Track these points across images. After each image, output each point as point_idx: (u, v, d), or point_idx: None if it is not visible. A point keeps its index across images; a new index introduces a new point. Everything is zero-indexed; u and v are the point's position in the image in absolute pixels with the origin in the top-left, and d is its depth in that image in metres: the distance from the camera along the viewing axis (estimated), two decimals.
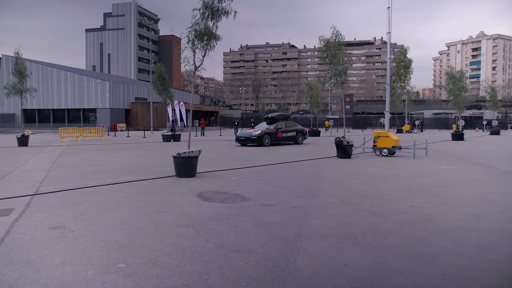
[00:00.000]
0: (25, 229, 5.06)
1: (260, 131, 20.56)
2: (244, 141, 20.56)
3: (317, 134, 33.01)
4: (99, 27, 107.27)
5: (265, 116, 23.23)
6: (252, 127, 40.87)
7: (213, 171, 10.71)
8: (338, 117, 66.71)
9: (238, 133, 22.56)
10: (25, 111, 28.78)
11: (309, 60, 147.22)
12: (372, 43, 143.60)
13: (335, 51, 14.69)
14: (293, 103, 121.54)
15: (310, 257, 4.12)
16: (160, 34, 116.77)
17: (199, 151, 9.71)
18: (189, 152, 9.43)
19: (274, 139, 20.82)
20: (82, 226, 5.24)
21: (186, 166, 9.39)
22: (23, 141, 21.09)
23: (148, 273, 3.66)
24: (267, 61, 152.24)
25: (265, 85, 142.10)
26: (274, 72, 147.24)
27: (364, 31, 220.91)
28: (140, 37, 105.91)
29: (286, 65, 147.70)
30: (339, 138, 14.58)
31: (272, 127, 21.28)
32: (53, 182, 8.84)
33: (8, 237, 4.72)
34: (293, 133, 21.91)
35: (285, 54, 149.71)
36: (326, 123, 50.08)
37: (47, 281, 3.49)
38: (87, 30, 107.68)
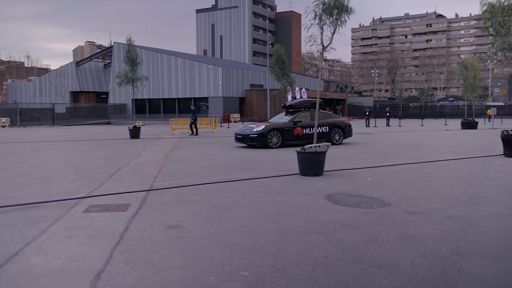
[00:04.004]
0: (142, 227, 5.59)
1: (263, 127, 16.77)
2: (242, 140, 17.15)
3: (473, 126, 30.52)
4: (211, 6, 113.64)
5: (283, 105, 19.05)
6: (388, 117, 39.82)
7: (343, 169, 10.61)
8: (503, 103, 60.79)
9: (237, 129, 18.64)
10: (135, 101, 31.80)
11: (462, 32, 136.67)
12: None
13: (503, 17, 13.34)
14: (440, 88, 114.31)
15: (476, 283, 3.81)
16: (277, 11, 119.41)
17: (327, 146, 9.68)
18: (315, 146, 9.46)
19: (289, 138, 16.71)
20: (200, 226, 5.59)
21: (312, 163, 9.44)
22: (135, 133, 23.44)
23: (276, 285, 3.74)
24: (406, 36, 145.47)
25: (404, 66, 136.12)
26: (415, 50, 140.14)
27: None
28: (255, 15, 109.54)
29: (431, 40, 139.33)
30: (507, 131, 13.27)
31: (287, 120, 17.36)
32: (167, 178, 9.64)
33: (127, 234, 5.26)
34: (323, 129, 17.44)
35: (430, 26, 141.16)
36: (489, 111, 45.91)
37: (168, 284, 3.79)
38: (198, 11, 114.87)
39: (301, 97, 39.86)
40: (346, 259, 4.33)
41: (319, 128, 17.04)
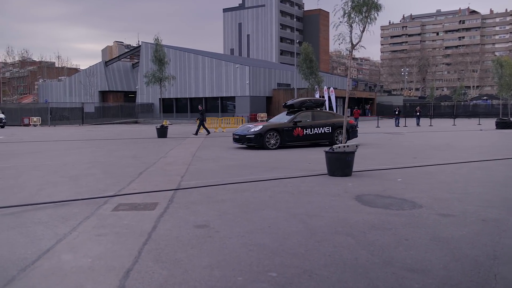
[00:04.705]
0: (170, 226, 5.64)
1: (260, 127, 16.39)
2: (239, 141, 16.79)
3: (508, 126, 29.73)
4: (237, 5, 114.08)
5: (284, 104, 18.71)
6: (418, 116, 39.19)
7: (372, 170, 10.50)
8: None
9: (236, 129, 18.29)
10: (162, 100, 32.23)
11: (497, 28, 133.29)
12: None
13: None
14: (473, 86, 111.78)
15: None
16: (304, 9, 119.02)
17: (356, 146, 9.60)
18: (344, 146, 9.39)
19: (288, 138, 16.40)
20: (227, 226, 5.61)
21: (340, 163, 9.37)
22: (162, 132, 23.73)
23: (304, 286, 3.72)
24: (437, 34, 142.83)
25: (435, 64, 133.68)
26: (447, 47, 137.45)
27: None
28: (282, 13, 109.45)
29: (463, 37, 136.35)
30: None
31: (286, 120, 16.95)
32: (194, 177, 9.72)
33: (155, 233, 5.32)
34: (325, 129, 16.91)
35: (463, 23, 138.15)
36: None
37: (196, 283, 3.81)
38: (225, 10, 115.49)
39: (329, 97, 39.71)
40: (376, 262, 4.27)
41: (321, 128, 16.89)
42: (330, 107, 40.18)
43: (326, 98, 39.20)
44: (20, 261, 4.35)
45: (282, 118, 17.64)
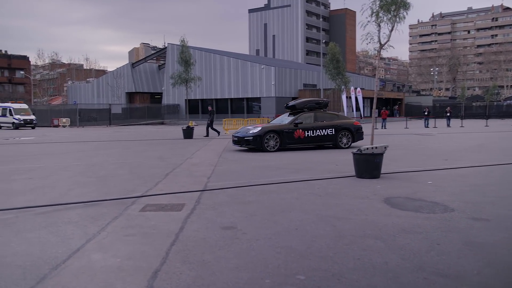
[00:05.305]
0: (197, 227, 5.68)
1: (259, 129, 15.95)
2: (238, 143, 16.31)
3: None
4: (263, 6, 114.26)
5: (285, 105, 18.20)
6: (449, 117, 38.47)
7: (401, 171, 10.35)
8: None
9: (236, 131, 17.75)
10: (188, 101, 32.56)
11: None
12: None
13: None
14: (507, 86, 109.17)
15: None
16: (330, 9, 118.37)
17: (385, 147, 9.48)
18: (372, 148, 9.29)
19: (289, 140, 15.96)
20: (254, 228, 5.62)
21: (368, 165, 9.27)
22: (188, 133, 23.95)
23: None
24: (468, 32, 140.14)
25: (466, 63, 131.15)
26: (479, 46, 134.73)
27: None
28: (308, 13, 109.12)
29: (496, 35, 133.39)
30: None
31: (287, 121, 16.47)
32: (221, 178, 9.76)
33: (182, 234, 5.36)
34: (328, 131, 16.41)
35: (496, 20, 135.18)
36: None
37: (223, 285, 3.83)
38: (250, 11, 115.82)
39: (356, 97, 39.38)
40: (407, 266, 4.21)
41: (324, 130, 16.38)
42: (357, 108, 39.84)
43: (353, 98, 38.90)
44: (52, 260, 4.46)
45: (283, 120, 17.18)
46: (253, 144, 15.70)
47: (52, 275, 4.06)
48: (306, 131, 16.13)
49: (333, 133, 16.47)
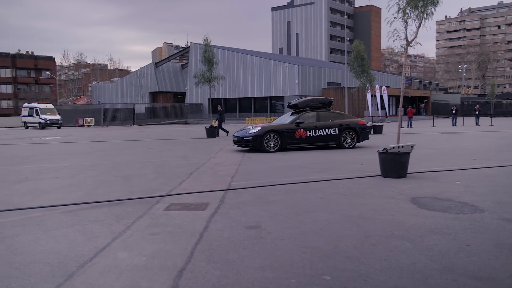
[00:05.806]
0: (221, 226, 5.71)
1: (259, 129, 15.65)
2: (237, 143, 16.05)
3: None
4: (286, 3, 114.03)
5: (288, 104, 17.69)
6: (477, 115, 37.70)
7: (428, 171, 10.20)
8: None
9: (236, 131, 17.34)
10: (211, 100, 32.78)
11: None
12: None
13: None
14: None
15: None
16: (355, 6, 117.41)
17: (412, 146, 9.36)
18: (398, 147, 9.18)
19: (290, 140, 15.64)
20: (279, 227, 5.62)
21: (394, 164, 9.17)
22: (211, 132, 24.11)
23: None
24: (499, 27, 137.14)
25: (496, 59, 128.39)
26: (509, 42, 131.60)
27: None
28: (332, 11, 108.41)
29: None
30: None
31: (289, 121, 16.13)
32: (244, 177, 9.79)
33: (207, 233, 5.40)
34: (332, 131, 16.00)
35: None
36: None
37: (248, 284, 3.84)
38: (273, 9, 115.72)
39: (381, 95, 38.93)
40: (435, 268, 4.15)
41: (327, 130, 15.98)
42: (382, 107, 39.39)
43: (378, 97, 38.49)
44: (79, 258, 4.54)
45: (285, 119, 16.86)
46: (252, 144, 15.49)
47: (79, 273, 4.14)
48: (308, 131, 15.80)
49: (337, 132, 16.11)
